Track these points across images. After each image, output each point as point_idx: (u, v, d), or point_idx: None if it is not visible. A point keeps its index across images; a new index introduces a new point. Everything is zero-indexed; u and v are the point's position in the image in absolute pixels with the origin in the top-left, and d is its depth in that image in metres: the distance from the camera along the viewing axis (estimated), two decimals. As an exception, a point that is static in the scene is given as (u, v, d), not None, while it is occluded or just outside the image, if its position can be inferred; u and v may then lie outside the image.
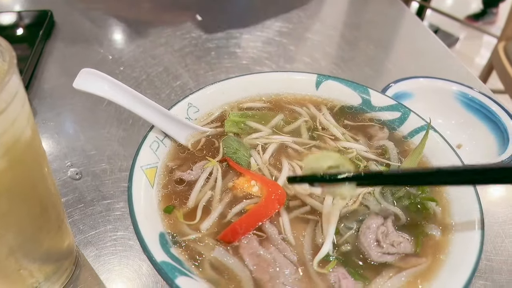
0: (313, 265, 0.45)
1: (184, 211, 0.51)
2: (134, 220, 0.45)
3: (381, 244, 0.46)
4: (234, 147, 0.58)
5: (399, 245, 0.46)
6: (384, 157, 0.58)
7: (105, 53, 1.07)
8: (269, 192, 0.50)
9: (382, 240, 0.46)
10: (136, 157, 0.52)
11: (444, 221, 0.50)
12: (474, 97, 0.76)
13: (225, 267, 0.45)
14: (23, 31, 1.10)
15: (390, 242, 0.46)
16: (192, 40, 1.14)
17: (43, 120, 0.86)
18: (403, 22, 1.40)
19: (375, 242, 0.46)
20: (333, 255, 0.46)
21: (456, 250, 0.46)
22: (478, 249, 0.44)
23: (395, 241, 0.46)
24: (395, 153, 0.58)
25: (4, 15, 1.14)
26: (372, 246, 0.46)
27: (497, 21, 3.69)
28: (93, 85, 0.52)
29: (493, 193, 0.75)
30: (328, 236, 0.46)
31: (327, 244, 0.46)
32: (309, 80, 0.69)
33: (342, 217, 0.49)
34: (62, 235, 0.54)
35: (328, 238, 0.46)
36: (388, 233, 0.47)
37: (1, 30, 1.09)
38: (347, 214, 0.50)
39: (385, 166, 0.57)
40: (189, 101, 0.63)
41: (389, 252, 0.45)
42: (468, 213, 0.48)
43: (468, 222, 0.48)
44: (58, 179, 0.73)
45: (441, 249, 0.47)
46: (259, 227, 0.48)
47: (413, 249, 0.47)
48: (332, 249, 0.46)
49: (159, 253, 0.43)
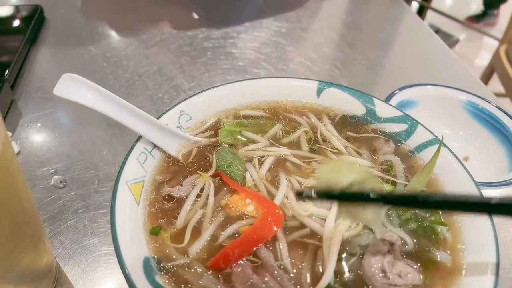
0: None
1: (172, 232, 0.46)
2: (116, 245, 0.41)
3: (387, 275, 0.42)
4: (228, 160, 0.53)
5: (406, 276, 0.42)
6: (389, 173, 0.54)
7: (96, 52, 1.02)
8: (265, 212, 0.46)
9: (388, 270, 0.42)
10: (121, 171, 0.48)
11: (454, 247, 0.46)
12: (484, 108, 0.72)
13: (215, 296, 0.41)
14: (10, 27, 1.05)
15: (397, 272, 0.42)
16: (187, 39, 1.09)
17: (28, 122, 0.81)
18: (404, 22, 1.36)
19: (381, 272, 0.42)
20: (334, 286, 0.42)
21: (468, 282, 0.42)
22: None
23: (402, 272, 0.42)
24: (402, 170, 0.54)
25: (-9, 9, 1.08)
26: (377, 276, 0.41)
27: (498, 22, 3.66)
28: (75, 92, 0.48)
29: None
30: (330, 264, 0.42)
31: (328, 274, 0.41)
32: (310, 87, 0.64)
33: (344, 241, 0.45)
34: (39, 253, 0.50)
35: (330, 266, 0.42)
36: (395, 262, 0.43)
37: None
38: (349, 238, 0.46)
39: (391, 184, 0.53)
40: (181, 108, 0.58)
41: (395, 284, 0.41)
42: (483, 241, 0.44)
43: (482, 252, 0.44)
44: (40, 187, 0.69)
45: (452, 280, 0.43)
46: (254, 252, 0.44)
47: (422, 279, 0.43)
48: (333, 278, 0.42)
49: (142, 282, 0.39)
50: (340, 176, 0.42)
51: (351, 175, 0.41)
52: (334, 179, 0.42)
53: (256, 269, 0.43)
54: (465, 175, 0.51)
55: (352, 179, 0.41)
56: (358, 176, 0.41)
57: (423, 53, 1.16)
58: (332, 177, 0.43)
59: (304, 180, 0.52)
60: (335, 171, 0.43)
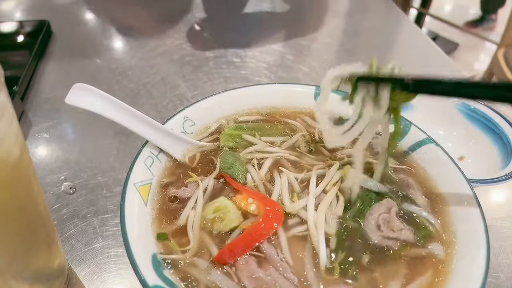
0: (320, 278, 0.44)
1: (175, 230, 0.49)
2: (126, 241, 0.43)
3: (381, 228, 0.47)
4: (230, 162, 0.56)
5: (399, 231, 0.47)
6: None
7: (102, 63, 1.06)
8: (267, 211, 0.49)
9: (382, 225, 0.48)
10: (130, 174, 0.51)
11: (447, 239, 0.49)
12: (477, 108, 0.74)
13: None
14: (20, 41, 1.09)
15: (391, 227, 0.48)
16: (189, 50, 1.13)
17: (38, 131, 0.84)
18: (401, 29, 1.40)
19: (376, 227, 0.48)
20: (335, 261, 0.46)
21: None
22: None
23: (395, 227, 0.47)
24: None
25: (1, 24, 1.13)
26: (374, 229, 0.48)
27: (496, 27, 3.69)
28: (85, 100, 0.51)
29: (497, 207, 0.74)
30: (321, 245, 0.46)
31: (323, 254, 0.45)
32: (308, 92, 0.67)
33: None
34: (52, 254, 0.53)
35: (321, 246, 0.46)
36: (391, 220, 0.48)
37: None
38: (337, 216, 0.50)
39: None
40: (185, 114, 0.61)
41: (388, 236, 0.47)
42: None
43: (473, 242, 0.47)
44: (51, 193, 0.71)
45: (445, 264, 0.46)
46: (257, 247, 0.47)
47: (415, 238, 0.48)
48: (329, 256, 0.46)
49: (151, 276, 0.42)
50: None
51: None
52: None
53: (260, 263, 0.45)
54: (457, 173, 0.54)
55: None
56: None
57: (420, 59, 1.19)
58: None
59: (300, 175, 0.55)
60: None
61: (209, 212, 0.50)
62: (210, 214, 0.50)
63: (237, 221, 0.50)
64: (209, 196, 0.53)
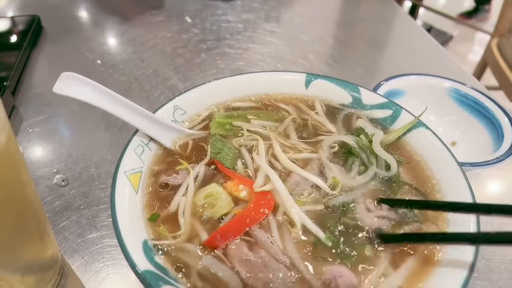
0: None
1: (166, 216, 0.49)
2: (116, 228, 0.43)
3: (371, 209, 0.49)
4: (218, 147, 0.56)
5: (389, 210, 0.49)
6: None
7: (93, 57, 1.05)
8: (258, 197, 0.49)
9: (371, 207, 0.50)
10: (120, 162, 0.51)
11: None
12: (467, 93, 0.74)
13: (214, 275, 0.44)
14: (10, 37, 1.08)
15: (380, 208, 0.50)
16: (181, 42, 1.12)
17: (30, 126, 0.84)
18: (395, 20, 1.39)
19: (366, 209, 0.50)
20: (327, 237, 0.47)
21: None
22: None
23: (383, 207, 0.50)
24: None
25: (-9, 20, 1.12)
26: (364, 211, 0.49)
27: (490, 17, 3.70)
28: (74, 89, 0.50)
29: (489, 191, 0.74)
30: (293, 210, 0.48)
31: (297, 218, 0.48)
32: (299, 80, 0.67)
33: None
34: (44, 245, 0.52)
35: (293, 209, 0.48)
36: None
37: (-13, 35, 1.07)
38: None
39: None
40: (175, 103, 0.61)
41: (378, 215, 0.48)
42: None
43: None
44: (43, 186, 0.71)
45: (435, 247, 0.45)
46: (247, 232, 0.47)
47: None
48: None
49: (142, 261, 0.41)
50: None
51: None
52: None
53: (251, 247, 0.45)
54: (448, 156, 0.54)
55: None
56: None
57: (414, 50, 1.19)
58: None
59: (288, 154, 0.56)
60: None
61: (200, 199, 0.50)
62: (201, 200, 0.50)
63: (228, 207, 0.50)
64: (200, 182, 0.53)
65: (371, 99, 0.64)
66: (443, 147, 0.55)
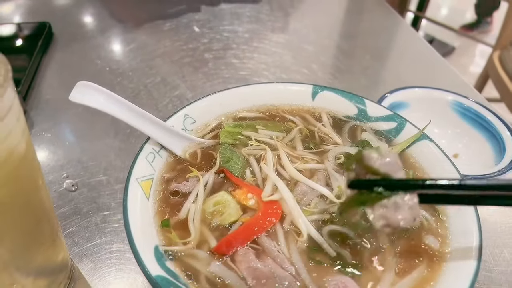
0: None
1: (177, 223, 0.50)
2: (129, 234, 0.45)
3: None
4: (227, 156, 0.58)
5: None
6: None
7: (102, 64, 1.07)
8: (266, 205, 0.50)
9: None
10: (132, 169, 0.52)
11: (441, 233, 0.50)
12: (470, 107, 0.76)
13: (222, 282, 0.45)
14: (21, 43, 1.11)
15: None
16: (189, 51, 1.14)
17: (40, 131, 0.85)
18: (398, 32, 1.42)
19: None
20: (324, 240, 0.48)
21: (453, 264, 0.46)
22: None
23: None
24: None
25: (3, 26, 1.14)
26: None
27: (492, 30, 3.73)
28: (89, 97, 0.52)
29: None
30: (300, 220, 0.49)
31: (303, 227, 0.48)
32: (305, 91, 0.69)
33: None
34: (56, 249, 0.54)
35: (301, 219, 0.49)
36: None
37: (0, 41, 1.10)
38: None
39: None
40: (186, 112, 0.63)
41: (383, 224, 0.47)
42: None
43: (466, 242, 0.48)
44: (53, 190, 0.73)
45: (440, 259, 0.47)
46: (255, 241, 0.48)
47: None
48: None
49: (154, 267, 0.43)
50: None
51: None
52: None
53: (258, 255, 0.47)
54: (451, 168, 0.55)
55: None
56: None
57: (416, 62, 1.21)
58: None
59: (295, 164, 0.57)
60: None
61: (210, 206, 0.51)
62: (210, 207, 0.51)
63: (236, 215, 0.51)
64: (209, 190, 0.54)
65: (376, 111, 0.66)
66: (446, 160, 0.56)
